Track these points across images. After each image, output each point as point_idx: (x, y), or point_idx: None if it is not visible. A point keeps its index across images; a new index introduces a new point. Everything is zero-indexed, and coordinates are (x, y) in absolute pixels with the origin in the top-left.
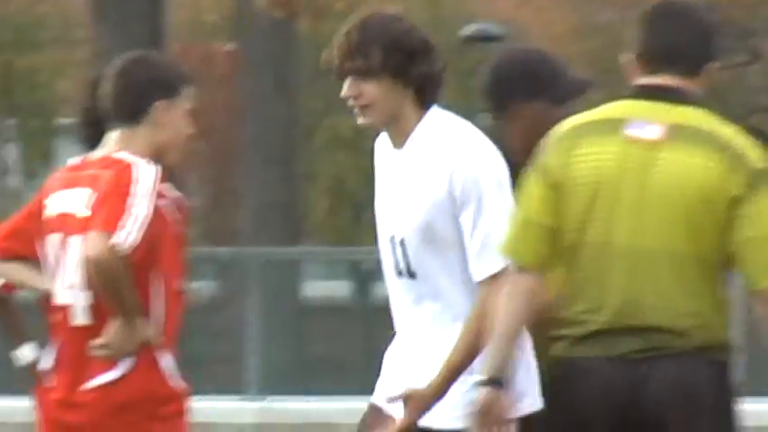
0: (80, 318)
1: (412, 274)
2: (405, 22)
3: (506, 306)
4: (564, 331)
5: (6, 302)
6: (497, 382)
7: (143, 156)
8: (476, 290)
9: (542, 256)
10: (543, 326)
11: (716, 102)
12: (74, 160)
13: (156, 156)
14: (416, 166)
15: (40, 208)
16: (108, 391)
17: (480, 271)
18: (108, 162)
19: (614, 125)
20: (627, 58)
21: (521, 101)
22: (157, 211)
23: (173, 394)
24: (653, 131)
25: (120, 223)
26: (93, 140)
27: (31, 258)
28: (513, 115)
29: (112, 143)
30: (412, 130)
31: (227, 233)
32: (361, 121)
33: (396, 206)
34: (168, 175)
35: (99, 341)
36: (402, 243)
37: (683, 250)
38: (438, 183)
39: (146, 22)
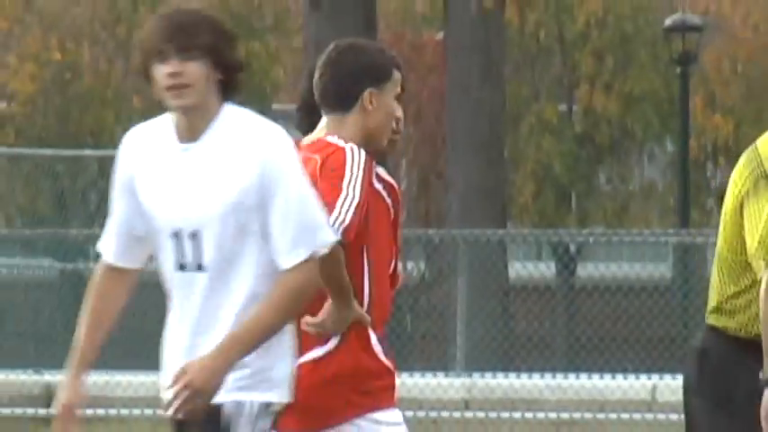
0: None
1: (201, 267)
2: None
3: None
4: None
5: None
6: None
7: (354, 141)
8: (276, 277)
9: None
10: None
11: None
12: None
13: (367, 141)
14: (217, 157)
15: None
16: (317, 366)
17: (289, 258)
18: (320, 146)
19: None
20: None
21: None
22: (372, 194)
23: (380, 370)
24: None
25: (334, 205)
26: (309, 126)
27: None
28: None
29: (324, 129)
30: (212, 119)
31: (436, 216)
32: (177, 102)
33: (184, 199)
34: (380, 160)
35: (313, 320)
36: (194, 236)
37: None
38: (244, 173)
39: (358, 11)
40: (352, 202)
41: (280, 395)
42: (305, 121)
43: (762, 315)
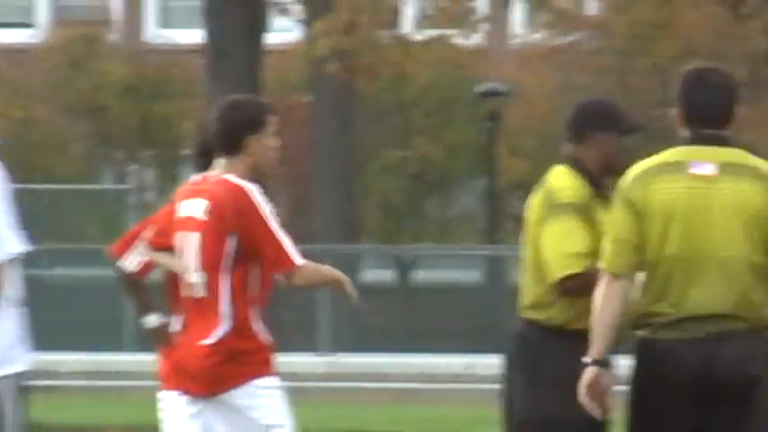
0: (200, 292)
1: None
2: None
3: (603, 305)
4: (649, 320)
5: (140, 283)
6: (605, 362)
7: (244, 177)
8: None
9: (634, 266)
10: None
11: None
12: (196, 177)
13: (255, 174)
14: None
15: (173, 211)
16: (217, 346)
17: None
18: (222, 182)
19: (680, 166)
20: (674, 113)
21: (596, 131)
22: None
23: (261, 347)
24: (709, 169)
25: (288, 250)
26: (204, 166)
27: (170, 249)
28: (591, 143)
29: (221, 167)
30: None
31: (307, 235)
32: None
33: None
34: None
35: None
36: None
37: (742, 256)
38: None
39: (246, 80)
40: (286, 238)
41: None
42: (200, 163)
43: (594, 312)
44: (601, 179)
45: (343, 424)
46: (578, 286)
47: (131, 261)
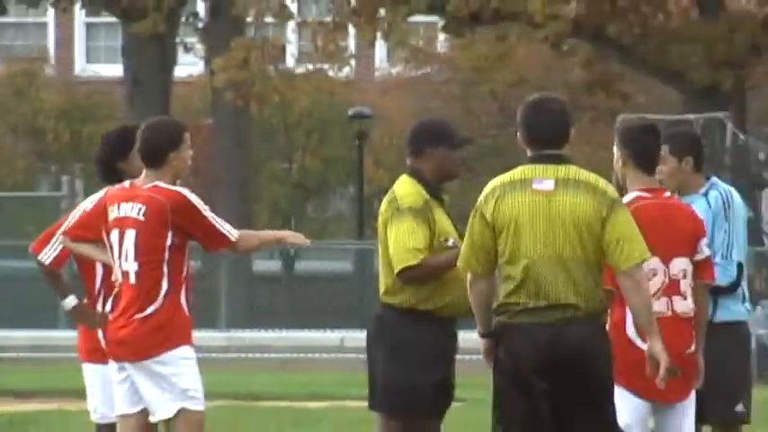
0: (133, 277)
1: None
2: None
3: (471, 295)
4: (507, 308)
5: (57, 273)
6: (489, 334)
7: (168, 184)
8: None
9: (489, 267)
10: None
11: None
12: (124, 184)
13: (175, 180)
14: None
15: (104, 210)
16: (147, 319)
17: None
18: (156, 188)
19: (525, 183)
20: (510, 132)
21: (430, 147)
22: None
23: (183, 321)
24: (549, 185)
25: (224, 230)
26: (105, 175)
27: (96, 241)
28: (426, 157)
29: (149, 177)
30: None
31: None
32: None
33: None
34: None
35: None
36: None
37: (577, 256)
38: None
39: (159, 106)
40: (223, 221)
41: None
42: (103, 172)
43: (470, 299)
44: (437, 186)
45: (240, 388)
46: (416, 275)
47: (48, 255)
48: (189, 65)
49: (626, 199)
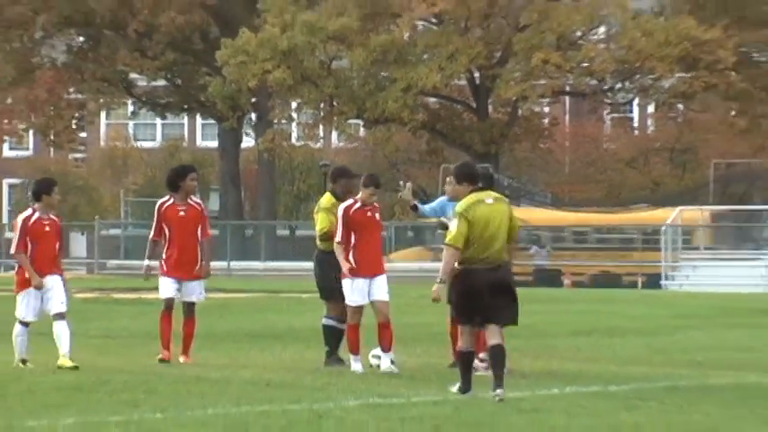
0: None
1: None
2: None
3: (447, 257)
4: (467, 260)
5: None
6: (443, 281)
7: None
8: None
9: (463, 243)
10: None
11: None
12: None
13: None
14: None
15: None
16: (20, 271)
17: None
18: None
19: (481, 199)
20: (454, 179)
21: (343, 178)
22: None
23: (25, 279)
24: (490, 200)
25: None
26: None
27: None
28: (338, 184)
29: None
30: None
31: None
32: None
33: None
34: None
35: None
36: None
37: (503, 236)
38: None
39: (233, 161)
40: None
41: None
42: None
43: (443, 261)
44: (342, 197)
45: None
46: (327, 237)
47: None
48: (247, 141)
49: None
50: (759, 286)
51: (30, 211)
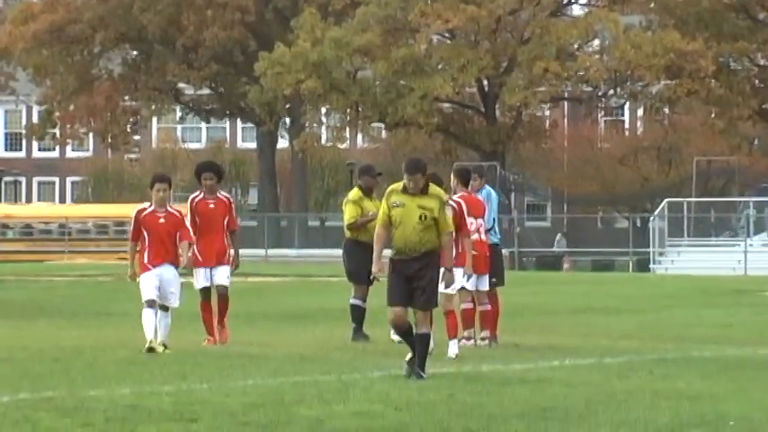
0: None
1: None
2: None
3: (378, 239)
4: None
5: None
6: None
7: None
8: None
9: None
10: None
11: None
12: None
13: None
14: None
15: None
16: None
17: None
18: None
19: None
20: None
21: (364, 176)
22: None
23: None
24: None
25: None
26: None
27: None
28: (363, 180)
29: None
30: None
31: None
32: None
33: None
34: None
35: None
36: None
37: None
38: None
39: (270, 161)
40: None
41: None
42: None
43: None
44: (368, 192)
45: None
46: (355, 226)
47: None
48: (282, 142)
49: (457, 195)
50: (736, 269)
51: (146, 204)
